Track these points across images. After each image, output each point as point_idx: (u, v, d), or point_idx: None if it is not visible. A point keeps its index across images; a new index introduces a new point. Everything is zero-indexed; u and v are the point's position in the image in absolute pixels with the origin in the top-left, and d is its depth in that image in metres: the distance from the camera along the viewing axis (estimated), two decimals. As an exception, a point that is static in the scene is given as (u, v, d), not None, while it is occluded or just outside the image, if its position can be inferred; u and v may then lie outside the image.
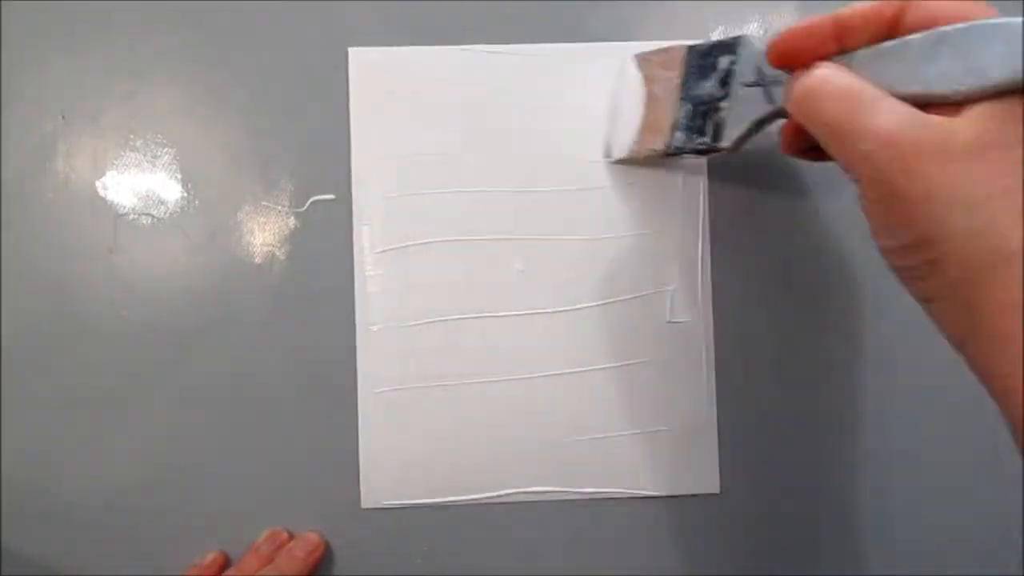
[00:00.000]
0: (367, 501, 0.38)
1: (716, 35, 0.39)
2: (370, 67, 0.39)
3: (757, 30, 0.39)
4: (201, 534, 0.38)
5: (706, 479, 0.38)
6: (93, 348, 0.38)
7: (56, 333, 0.38)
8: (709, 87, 0.34)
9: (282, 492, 0.38)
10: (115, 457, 0.38)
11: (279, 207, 0.39)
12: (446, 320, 0.38)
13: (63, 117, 0.39)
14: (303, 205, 0.39)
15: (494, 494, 0.38)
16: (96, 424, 0.38)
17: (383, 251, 0.38)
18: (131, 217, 0.39)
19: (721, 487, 0.38)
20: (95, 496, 0.38)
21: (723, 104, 0.33)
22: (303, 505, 0.38)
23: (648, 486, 0.38)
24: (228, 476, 0.38)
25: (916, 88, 0.25)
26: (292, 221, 0.39)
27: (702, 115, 0.34)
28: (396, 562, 0.38)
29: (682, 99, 0.35)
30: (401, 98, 0.38)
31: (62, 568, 0.38)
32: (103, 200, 0.39)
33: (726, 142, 0.33)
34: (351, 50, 0.39)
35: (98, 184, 0.39)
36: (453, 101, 0.38)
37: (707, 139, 0.33)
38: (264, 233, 0.39)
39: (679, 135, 0.35)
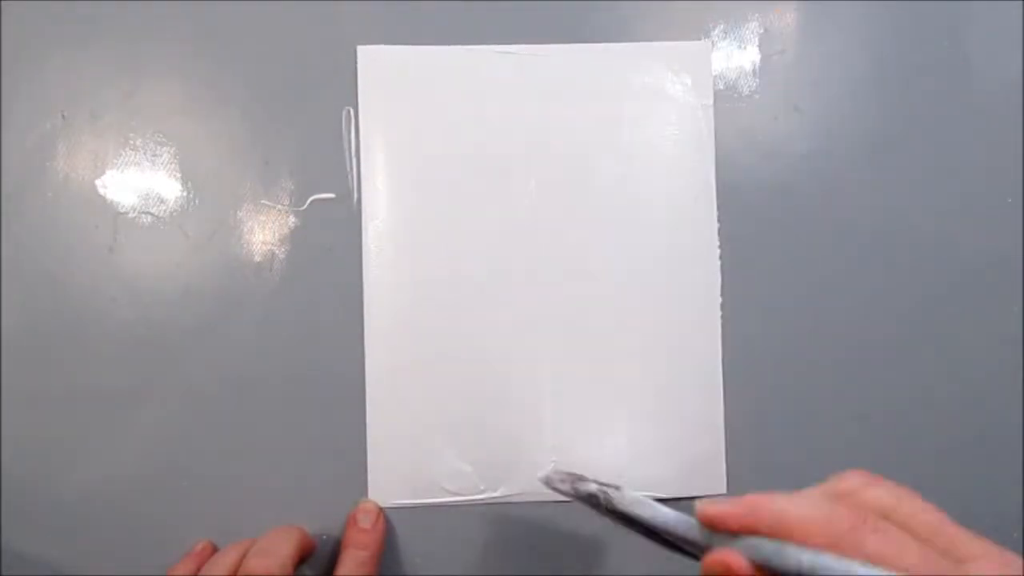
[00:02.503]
0: (374, 499, 0.38)
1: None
2: (379, 65, 0.38)
3: (757, 28, 0.39)
4: (201, 534, 0.38)
5: (713, 479, 0.38)
6: (93, 347, 0.38)
7: (56, 332, 0.38)
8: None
9: (283, 491, 0.38)
10: (115, 456, 0.38)
11: (279, 206, 0.39)
12: (457, 319, 0.38)
13: (63, 116, 0.39)
14: (303, 204, 0.39)
15: (500, 494, 0.38)
16: (96, 423, 0.38)
17: (392, 249, 0.38)
18: (131, 216, 0.39)
19: (728, 487, 0.38)
20: (95, 496, 0.38)
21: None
22: (304, 505, 0.38)
23: (655, 487, 0.38)
24: (228, 475, 0.38)
25: None
26: (292, 220, 0.39)
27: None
28: (398, 560, 0.38)
29: None
30: (409, 96, 0.38)
31: (62, 568, 0.38)
32: (103, 199, 0.39)
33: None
34: (360, 48, 0.39)
35: (98, 183, 0.39)
36: (461, 100, 0.38)
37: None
38: (264, 232, 0.39)
39: None
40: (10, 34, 0.39)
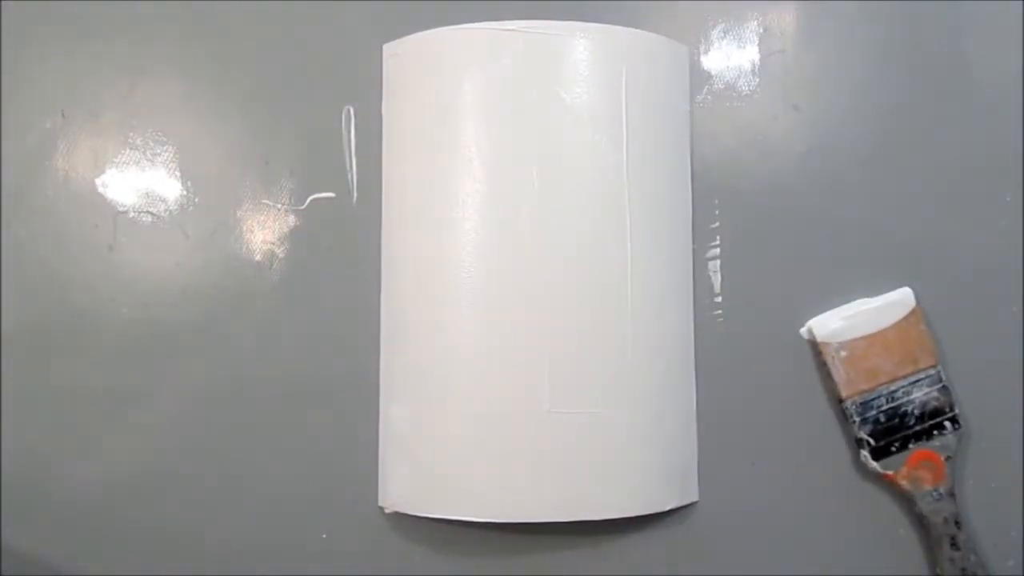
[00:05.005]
0: (377, 504, 0.37)
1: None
2: (401, 59, 0.38)
3: (757, 28, 0.39)
4: (201, 535, 0.38)
5: (685, 488, 0.37)
6: (93, 346, 0.38)
7: (56, 331, 0.38)
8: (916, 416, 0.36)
9: (282, 492, 0.38)
10: (115, 456, 0.38)
11: (279, 205, 0.39)
12: (462, 319, 0.35)
13: (63, 115, 0.39)
14: (303, 203, 0.39)
15: (505, 517, 0.35)
16: (96, 423, 0.38)
17: (411, 249, 0.37)
18: (131, 215, 0.39)
19: (700, 494, 0.37)
20: (95, 496, 0.38)
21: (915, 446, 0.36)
22: (303, 507, 0.38)
23: (631, 503, 0.35)
24: (229, 476, 0.38)
25: None
26: (292, 219, 0.39)
27: (888, 430, 0.36)
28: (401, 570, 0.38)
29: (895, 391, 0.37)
30: (430, 86, 0.37)
31: (62, 568, 0.38)
32: (103, 198, 0.39)
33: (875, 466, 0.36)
34: (386, 46, 0.38)
35: (98, 182, 0.39)
36: (478, 84, 0.36)
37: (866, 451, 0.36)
38: (264, 231, 0.39)
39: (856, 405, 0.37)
40: (9, 32, 0.39)
